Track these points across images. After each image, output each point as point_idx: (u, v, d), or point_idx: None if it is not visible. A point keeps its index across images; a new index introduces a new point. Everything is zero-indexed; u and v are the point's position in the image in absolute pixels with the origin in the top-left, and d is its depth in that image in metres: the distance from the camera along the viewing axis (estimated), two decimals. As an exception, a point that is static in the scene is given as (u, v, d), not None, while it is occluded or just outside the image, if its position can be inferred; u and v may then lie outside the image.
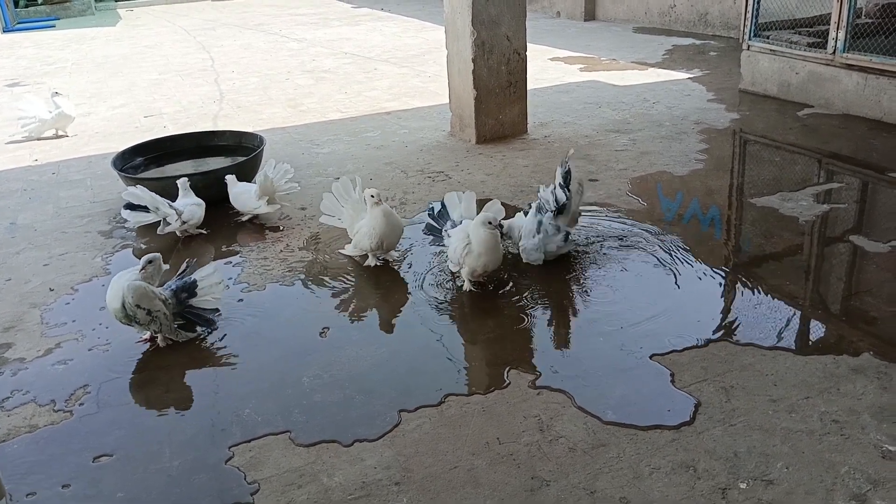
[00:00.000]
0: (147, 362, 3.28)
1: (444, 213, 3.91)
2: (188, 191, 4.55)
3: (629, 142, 5.83)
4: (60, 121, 6.87)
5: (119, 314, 3.26)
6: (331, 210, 4.12)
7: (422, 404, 2.84)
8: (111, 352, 3.36)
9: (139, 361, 3.28)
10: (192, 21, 15.25)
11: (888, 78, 5.79)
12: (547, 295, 3.62)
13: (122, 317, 3.26)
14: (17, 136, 6.90)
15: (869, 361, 2.93)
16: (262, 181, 4.59)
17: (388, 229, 3.85)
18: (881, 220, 4.35)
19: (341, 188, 4.05)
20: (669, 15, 10.78)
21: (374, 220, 3.83)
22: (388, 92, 8.07)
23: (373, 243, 3.88)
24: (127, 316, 3.25)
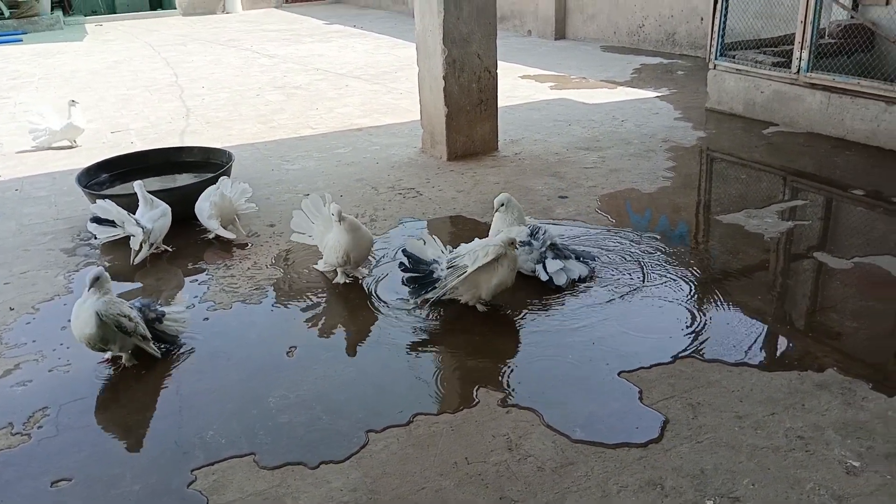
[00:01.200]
0: (109, 383, 3.21)
1: (418, 259, 3.62)
2: (148, 198, 4.39)
3: (598, 159, 5.88)
4: (70, 132, 6.88)
5: (94, 338, 3.15)
6: (301, 227, 4.09)
7: (390, 424, 2.81)
8: (72, 373, 3.28)
9: (101, 383, 3.21)
10: (161, 36, 15.14)
11: (851, 97, 5.92)
12: (517, 313, 3.61)
13: (99, 340, 3.16)
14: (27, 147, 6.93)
15: (833, 377, 2.97)
16: (217, 200, 4.51)
17: (354, 243, 3.82)
18: (844, 237, 4.42)
19: (311, 205, 4.02)
20: (638, 34, 10.93)
21: (339, 234, 3.81)
22: (360, 108, 8.06)
23: (339, 258, 3.85)
24: (103, 339, 3.16)
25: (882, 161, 5.50)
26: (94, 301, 3.16)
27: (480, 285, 3.51)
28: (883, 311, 3.48)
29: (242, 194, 4.62)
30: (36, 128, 6.86)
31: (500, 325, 3.50)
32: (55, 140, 6.89)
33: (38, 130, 6.84)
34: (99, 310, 3.13)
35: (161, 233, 4.37)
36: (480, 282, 3.50)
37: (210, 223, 4.50)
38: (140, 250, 4.29)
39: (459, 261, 3.54)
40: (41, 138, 6.84)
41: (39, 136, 6.84)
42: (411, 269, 3.60)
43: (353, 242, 3.82)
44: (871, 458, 2.52)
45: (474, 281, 3.50)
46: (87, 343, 3.19)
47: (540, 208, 4.88)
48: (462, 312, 3.61)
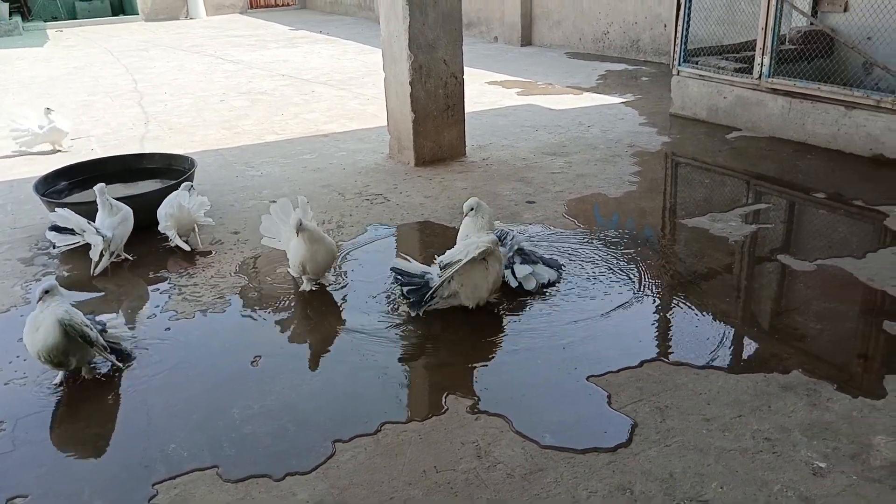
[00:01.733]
0: (67, 396, 3.12)
1: (407, 273, 3.61)
2: (108, 203, 4.27)
3: (565, 164, 5.90)
4: (53, 135, 6.81)
5: (57, 349, 3.02)
6: (270, 231, 4.02)
7: (357, 433, 2.77)
8: (28, 386, 3.19)
9: (59, 395, 3.12)
10: (124, 42, 14.91)
11: (811, 102, 6.02)
12: (485, 318, 3.59)
13: (61, 352, 3.04)
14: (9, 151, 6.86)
15: (798, 378, 2.99)
16: (174, 212, 4.42)
17: (310, 255, 3.75)
18: (807, 240, 4.49)
19: (280, 209, 3.96)
20: (603, 41, 11.03)
21: (297, 244, 3.76)
22: (326, 114, 8.01)
23: (296, 268, 3.82)
24: (65, 351, 3.04)
25: (842, 164, 5.59)
26: (54, 310, 3.06)
27: (480, 286, 3.55)
28: (845, 313, 3.53)
29: (201, 206, 4.52)
30: (18, 128, 6.78)
31: (469, 331, 3.47)
32: (37, 143, 6.82)
33: (21, 131, 6.77)
34: (62, 318, 3.03)
35: (122, 239, 4.28)
36: (479, 283, 3.54)
37: (168, 232, 4.41)
38: (100, 260, 4.18)
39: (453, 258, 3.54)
40: (23, 139, 6.77)
41: (21, 136, 6.77)
42: (407, 283, 3.56)
43: (308, 254, 3.75)
44: (836, 459, 2.54)
45: (474, 283, 3.53)
46: (48, 355, 3.05)
47: (508, 213, 4.88)
48: (430, 319, 3.58)
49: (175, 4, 19.01)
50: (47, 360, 3.08)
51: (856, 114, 5.70)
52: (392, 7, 5.72)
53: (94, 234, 4.16)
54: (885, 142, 5.54)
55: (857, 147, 5.74)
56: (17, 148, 6.84)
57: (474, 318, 3.58)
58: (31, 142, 6.79)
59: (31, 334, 3.08)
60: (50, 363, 3.10)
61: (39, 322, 3.07)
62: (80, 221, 4.18)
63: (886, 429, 2.67)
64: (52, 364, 3.10)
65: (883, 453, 2.55)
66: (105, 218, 4.24)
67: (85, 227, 4.17)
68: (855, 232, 4.54)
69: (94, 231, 4.16)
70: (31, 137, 6.77)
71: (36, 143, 6.83)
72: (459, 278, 3.52)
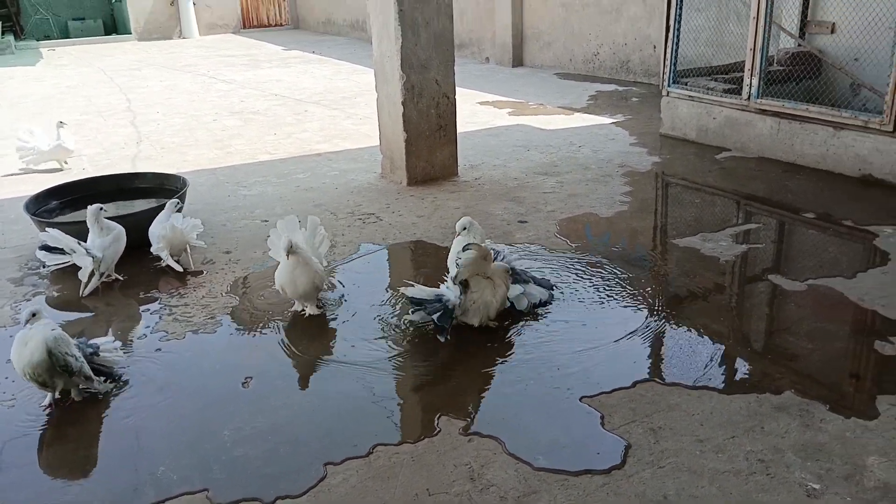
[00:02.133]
0: (56, 418, 3.08)
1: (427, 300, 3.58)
2: (99, 224, 4.24)
3: (557, 184, 5.92)
4: (59, 153, 6.77)
5: (42, 367, 3.00)
6: (274, 245, 3.99)
7: (349, 456, 2.75)
8: (17, 407, 3.15)
9: (47, 417, 3.09)
10: (116, 61, 14.94)
11: (800, 122, 6.08)
12: (478, 339, 3.58)
13: (45, 370, 3.01)
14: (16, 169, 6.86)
15: (791, 399, 2.99)
16: (167, 233, 4.39)
17: (289, 279, 3.72)
18: (797, 259, 4.51)
19: (286, 226, 3.94)
20: (593, 62, 11.12)
21: (282, 265, 3.76)
22: (319, 134, 8.02)
23: (280, 291, 3.81)
24: (49, 370, 3.01)
25: (831, 185, 5.64)
26: (42, 329, 3.05)
27: (490, 304, 3.57)
28: (837, 333, 3.54)
29: (194, 228, 4.50)
30: (24, 146, 6.75)
31: (461, 351, 3.46)
32: (43, 160, 6.79)
33: (26, 149, 6.74)
34: (48, 341, 3.01)
35: (112, 260, 4.26)
36: (489, 300, 3.57)
37: (160, 253, 4.40)
38: (89, 281, 4.16)
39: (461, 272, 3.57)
40: (28, 157, 6.74)
41: (27, 155, 6.74)
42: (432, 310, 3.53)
43: (288, 279, 3.72)
44: (830, 480, 2.53)
45: (485, 301, 3.55)
46: (32, 373, 3.03)
47: (500, 233, 4.88)
48: (422, 339, 3.57)
49: (168, 24, 19.08)
50: (32, 379, 3.05)
51: (844, 134, 5.76)
52: (384, 27, 5.75)
53: (84, 255, 4.14)
54: (873, 162, 5.59)
55: (845, 167, 5.78)
56: (24, 166, 6.80)
57: (465, 338, 3.57)
58: (36, 159, 6.76)
59: (18, 349, 3.05)
60: (35, 382, 3.07)
61: (28, 338, 3.04)
62: (71, 242, 4.16)
63: (879, 449, 2.67)
64: (37, 383, 3.07)
65: (877, 474, 2.55)
66: (96, 238, 4.22)
67: (75, 247, 4.15)
68: (845, 252, 4.56)
69: (84, 252, 4.14)
70: (37, 155, 6.74)
71: (42, 161, 6.79)
72: (472, 294, 3.54)
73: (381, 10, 5.75)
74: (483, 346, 3.51)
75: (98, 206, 4.31)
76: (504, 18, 12.25)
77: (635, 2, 10.21)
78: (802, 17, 6.96)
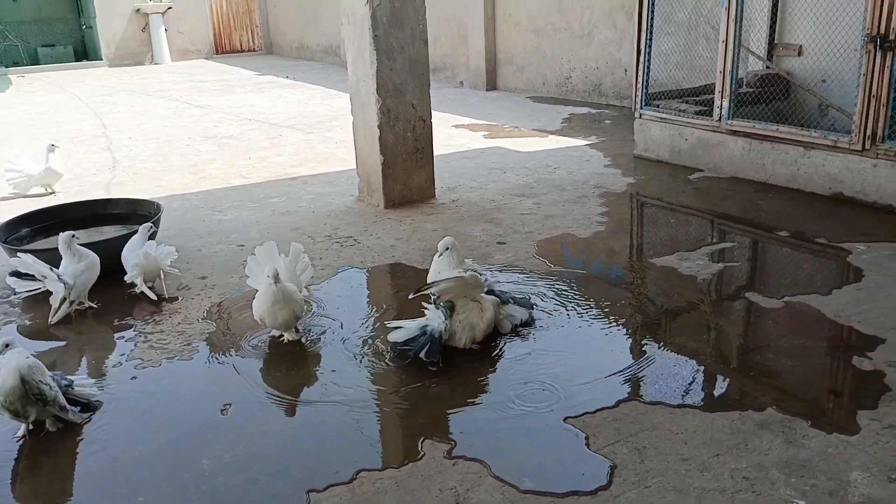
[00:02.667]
0: (28, 450, 2.99)
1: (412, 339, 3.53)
2: (72, 251, 4.16)
3: (534, 205, 5.94)
4: (48, 177, 6.67)
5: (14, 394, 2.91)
6: (252, 272, 3.93)
7: (332, 483, 2.70)
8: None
9: (20, 449, 3.00)
10: (88, 87, 14.81)
11: (770, 143, 6.18)
12: (461, 361, 3.56)
13: (18, 398, 2.92)
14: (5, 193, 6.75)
15: (773, 416, 3.00)
16: (140, 261, 4.32)
17: (269, 311, 3.64)
18: (773, 277, 4.56)
19: (264, 252, 3.88)
20: (566, 85, 11.26)
21: (263, 294, 3.67)
22: (294, 158, 8.00)
23: (259, 320, 3.72)
24: (23, 398, 2.93)
25: (803, 203, 5.73)
26: (19, 357, 2.97)
27: (476, 326, 3.58)
28: (815, 349, 3.57)
29: (168, 256, 4.42)
30: (12, 168, 6.65)
31: (443, 375, 3.43)
32: (32, 185, 6.68)
33: (14, 172, 6.64)
34: (22, 368, 2.93)
35: (84, 287, 4.18)
36: (476, 323, 3.58)
37: (135, 280, 4.32)
38: (59, 307, 4.07)
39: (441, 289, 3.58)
40: (17, 181, 6.64)
41: (15, 179, 6.65)
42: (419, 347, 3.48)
43: (269, 310, 3.64)
44: (815, 496, 2.53)
45: (471, 323, 3.56)
46: (5, 401, 2.93)
47: (479, 254, 4.88)
48: (403, 363, 3.53)
49: (139, 50, 19.01)
50: (4, 407, 2.96)
51: (814, 154, 5.87)
52: (360, 52, 5.77)
53: (55, 281, 4.05)
54: (843, 180, 5.69)
55: (816, 186, 5.89)
56: (12, 190, 6.70)
57: (449, 360, 3.54)
58: (25, 184, 6.65)
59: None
60: (7, 411, 2.97)
61: (1, 365, 2.96)
62: (42, 268, 4.07)
63: (862, 464, 2.68)
64: (9, 412, 2.97)
65: (860, 489, 2.56)
66: (68, 265, 4.14)
67: (46, 273, 4.07)
68: (819, 269, 4.62)
69: (55, 277, 4.05)
70: (26, 179, 6.64)
71: (31, 186, 6.68)
72: (458, 316, 3.54)
73: (357, 36, 5.77)
74: (466, 368, 3.49)
75: (70, 232, 4.24)
76: (477, 44, 12.38)
77: (606, 27, 10.37)
78: (770, 40, 7.12)
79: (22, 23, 19.84)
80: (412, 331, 3.56)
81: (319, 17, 17.64)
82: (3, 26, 19.52)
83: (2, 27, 19.49)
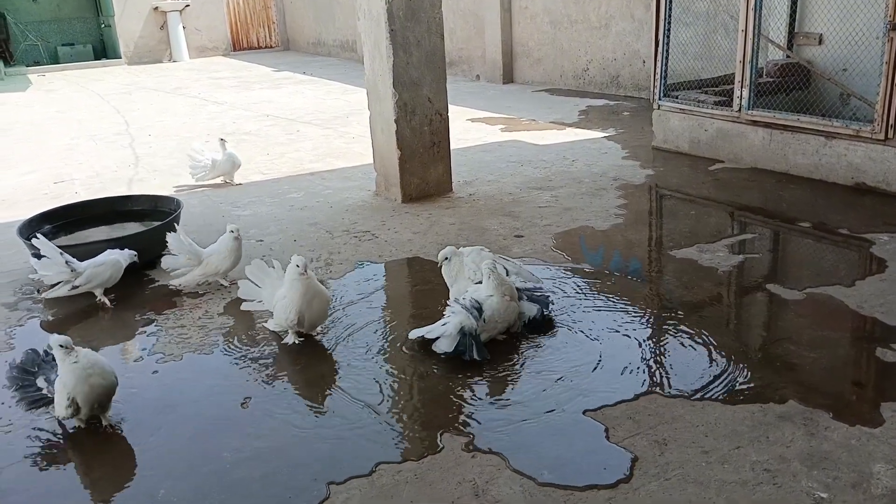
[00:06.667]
0: (52, 444, 3.04)
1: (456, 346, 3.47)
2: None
3: (552, 198, 5.92)
4: (227, 167, 6.79)
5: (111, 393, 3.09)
6: (250, 294, 3.93)
7: (351, 475, 2.71)
8: (13, 433, 3.11)
9: (43, 443, 3.04)
10: (107, 85, 14.94)
11: (791, 133, 6.11)
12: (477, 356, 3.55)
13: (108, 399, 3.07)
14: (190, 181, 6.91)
15: (794, 408, 2.98)
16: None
17: (305, 304, 3.58)
18: (794, 268, 4.51)
19: (256, 269, 3.89)
20: (583, 78, 11.19)
21: (293, 292, 3.59)
22: (312, 153, 8.02)
23: (290, 318, 3.61)
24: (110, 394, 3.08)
25: (825, 193, 5.66)
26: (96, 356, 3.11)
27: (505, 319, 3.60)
28: (838, 341, 3.53)
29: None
30: (196, 164, 6.78)
31: (461, 369, 3.43)
32: (213, 175, 6.81)
33: (198, 166, 6.77)
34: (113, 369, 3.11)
35: (95, 280, 4.23)
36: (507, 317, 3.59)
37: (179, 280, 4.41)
38: (57, 286, 4.19)
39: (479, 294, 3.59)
40: (199, 174, 6.78)
41: (198, 171, 6.78)
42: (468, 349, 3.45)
43: (303, 302, 3.58)
44: (838, 489, 2.51)
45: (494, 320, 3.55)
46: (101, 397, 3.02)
47: (496, 247, 4.87)
48: (422, 356, 3.54)
49: (158, 47, 19.12)
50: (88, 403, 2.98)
51: (836, 143, 5.79)
52: (376, 47, 5.78)
53: (61, 265, 4.14)
54: (866, 170, 5.62)
55: (838, 176, 5.81)
56: (194, 182, 6.83)
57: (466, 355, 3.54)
58: (206, 175, 6.78)
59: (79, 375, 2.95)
60: (85, 407, 2.99)
61: (90, 364, 3.00)
62: (52, 251, 4.15)
63: (885, 456, 2.65)
64: (76, 408, 2.98)
65: (884, 481, 2.53)
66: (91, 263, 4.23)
67: (56, 257, 4.15)
68: (842, 260, 4.57)
69: (63, 262, 4.14)
70: (206, 171, 6.76)
71: (212, 176, 6.80)
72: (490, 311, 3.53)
73: (373, 30, 5.77)
74: (481, 364, 3.48)
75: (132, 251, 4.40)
76: (493, 36, 12.34)
77: (623, 17, 10.30)
78: (790, 30, 7.03)
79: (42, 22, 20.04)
80: (452, 335, 3.49)
81: (336, 12, 17.66)
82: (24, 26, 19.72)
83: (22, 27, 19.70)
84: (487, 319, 3.52)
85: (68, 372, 2.97)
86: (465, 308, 3.53)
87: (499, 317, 3.56)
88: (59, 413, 3.03)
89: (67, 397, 2.96)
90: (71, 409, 2.98)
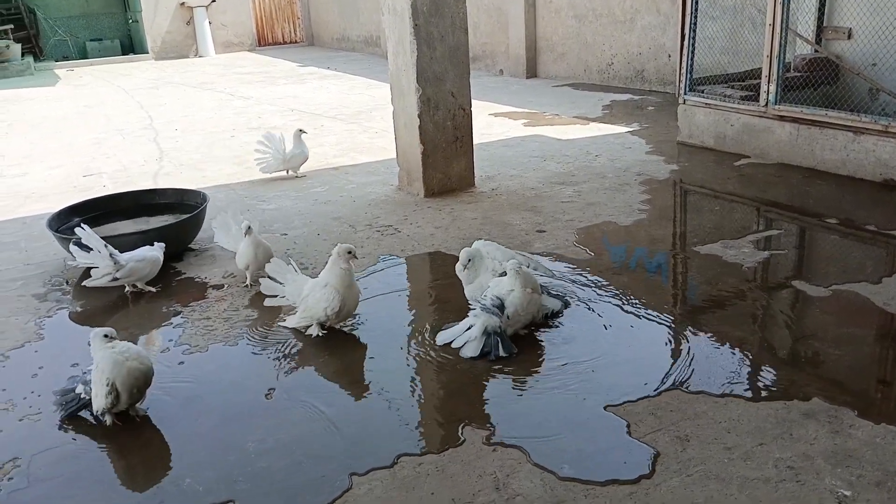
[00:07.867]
0: (81, 432, 3.10)
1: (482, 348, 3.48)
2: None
3: (574, 193, 5.91)
4: (296, 159, 6.83)
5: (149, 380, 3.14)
6: (272, 290, 3.97)
7: (373, 467, 2.74)
8: (43, 421, 3.17)
9: (72, 432, 3.10)
10: (134, 80, 15.12)
11: (819, 128, 6.03)
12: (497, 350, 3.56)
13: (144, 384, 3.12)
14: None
15: (819, 405, 2.95)
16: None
17: (347, 292, 3.65)
18: (820, 265, 4.46)
19: (276, 268, 3.94)
20: (608, 72, 11.12)
21: (337, 279, 3.63)
22: (336, 147, 8.07)
23: (333, 307, 3.63)
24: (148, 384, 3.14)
25: (852, 190, 5.59)
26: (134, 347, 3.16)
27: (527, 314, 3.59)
28: (863, 338, 3.49)
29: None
30: (263, 154, 6.80)
31: (483, 361, 3.45)
32: (279, 168, 6.83)
33: (265, 158, 6.79)
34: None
35: (136, 274, 4.31)
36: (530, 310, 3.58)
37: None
38: (101, 278, 4.27)
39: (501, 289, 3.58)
40: (264, 164, 6.79)
41: (263, 162, 6.80)
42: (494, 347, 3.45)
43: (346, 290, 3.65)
44: (862, 487, 2.49)
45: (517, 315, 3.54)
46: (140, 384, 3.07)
47: (518, 242, 4.87)
48: (443, 350, 3.56)
49: (184, 43, 19.32)
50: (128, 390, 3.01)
51: (864, 139, 5.71)
52: (400, 42, 5.79)
53: (106, 258, 4.21)
54: (894, 166, 5.53)
55: (866, 172, 5.73)
56: (260, 174, 6.85)
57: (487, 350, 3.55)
58: (272, 165, 6.79)
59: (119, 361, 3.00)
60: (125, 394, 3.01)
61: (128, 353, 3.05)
62: (97, 242, 4.23)
63: (911, 455, 2.63)
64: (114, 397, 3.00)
65: (909, 480, 2.51)
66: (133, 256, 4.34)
67: (100, 247, 4.22)
68: (869, 257, 4.51)
69: (107, 255, 4.21)
70: (273, 162, 6.76)
71: (277, 168, 6.81)
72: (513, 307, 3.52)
73: (397, 26, 5.79)
74: (503, 357, 3.49)
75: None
76: (517, 31, 12.30)
77: (649, 11, 10.22)
78: (818, 24, 6.94)
79: (70, 17, 20.36)
80: (478, 338, 3.49)
81: (360, 8, 17.71)
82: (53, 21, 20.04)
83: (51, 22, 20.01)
84: (511, 315, 3.53)
85: (105, 358, 3.01)
86: (486, 309, 3.53)
87: (522, 310, 3.55)
88: (98, 405, 3.03)
89: (107, 383, 2.97)
90: (111, 397, 2.98)
